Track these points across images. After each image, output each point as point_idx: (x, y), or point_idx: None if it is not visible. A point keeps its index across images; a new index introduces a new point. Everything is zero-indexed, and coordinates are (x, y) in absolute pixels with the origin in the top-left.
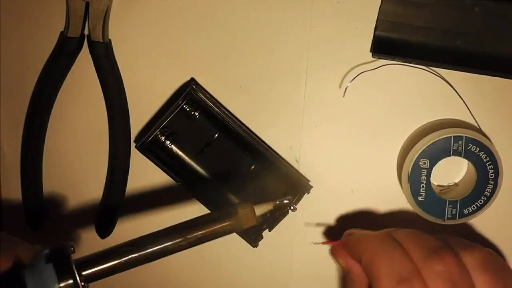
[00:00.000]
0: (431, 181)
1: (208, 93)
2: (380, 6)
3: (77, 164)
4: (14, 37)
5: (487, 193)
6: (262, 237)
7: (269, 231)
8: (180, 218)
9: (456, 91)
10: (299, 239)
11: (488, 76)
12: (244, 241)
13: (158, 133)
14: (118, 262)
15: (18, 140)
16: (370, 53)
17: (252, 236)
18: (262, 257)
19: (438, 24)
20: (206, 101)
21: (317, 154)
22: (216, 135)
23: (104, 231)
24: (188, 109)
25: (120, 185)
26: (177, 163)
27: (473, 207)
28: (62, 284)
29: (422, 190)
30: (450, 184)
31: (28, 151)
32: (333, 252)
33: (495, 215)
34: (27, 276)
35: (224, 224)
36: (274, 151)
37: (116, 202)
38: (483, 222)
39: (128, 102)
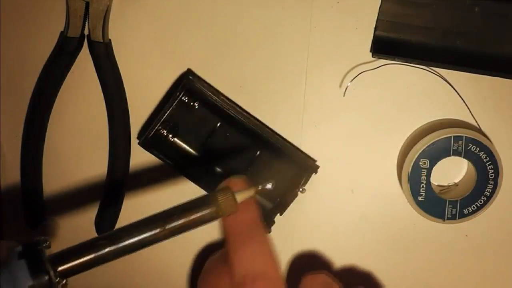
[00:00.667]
0: (431, 181)
1: (205, 82)
2: (380, 6)
3: (77, 164)
4: (14, 37)
5: (487, 193)
6: (274, 222)
7: (280, 215)
8: None
9: (456, 91)
10: (299, 239)
11: (488, 76)
12: None
13: (160, 127)
14: (95, 256)
15: (18, 140)
16: (370, 53)
17: (264, 222)
18: None
19: (438, 24)
20: (204, 90)
21: (317, 154)
22: (218, 124)
23: (104, 231)
24: (186, 101)
25: (120, 185)
26: (181, 156)
27: (473, 207)
28: (35, 281)
29: (422, 190)
30: (450, 184)
31: (28, 151)
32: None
33: (495, 215)
34: None
35: (203, 213)
36: (278, 134)
37: (116, 202)
38: (483, 222)
39: (128, 101)
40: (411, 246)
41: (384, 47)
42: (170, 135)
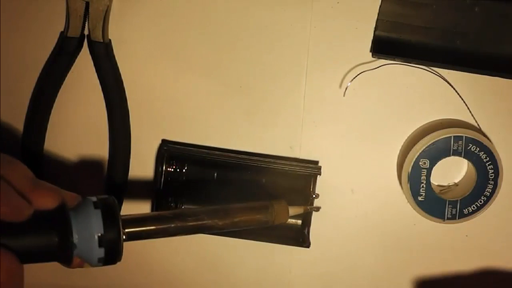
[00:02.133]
0: (431, 181)
1: (183, 143)
2: (380, 6)
3: (77, 164)
4: (14, 37)
5: (487, 193)
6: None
7: (308, 229)
8: None
9: (456, 91)
10: None
11: (488, 76)
12: (243, 240)
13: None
14: (159, 227)
15: (18, 140)
16: (370, 53)
17: (300, 239)
18: (262, 257)
19: (438, 24)
20: (184, 151)
21: (317, 154)
22: (216, 174)
23: None
24: (173, 169)
25: (120, 185)
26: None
27: (473, 207)
28: (106, 232)
29: (422, 190)
30: (450, 184)
31: (28, 151)
32: None
33: (495, 215)
34: (72, 217)
35: (259, 215)
36: (273, 156)
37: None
38: (483, 222)
39: (128, 102)
40: (411, 246)
41: (384, 47)
42: (178, 204)
